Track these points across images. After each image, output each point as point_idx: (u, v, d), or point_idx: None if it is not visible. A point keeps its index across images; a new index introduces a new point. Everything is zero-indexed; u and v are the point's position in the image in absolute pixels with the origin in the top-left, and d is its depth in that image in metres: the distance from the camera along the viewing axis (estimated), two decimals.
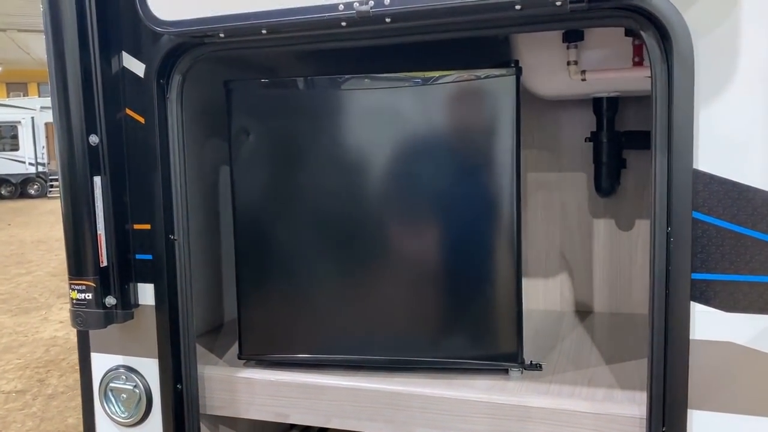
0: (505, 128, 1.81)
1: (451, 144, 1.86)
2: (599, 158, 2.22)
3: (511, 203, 1.83)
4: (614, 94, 2.16)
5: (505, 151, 1.82)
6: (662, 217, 1.44)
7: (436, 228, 1.89)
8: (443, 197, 1.89)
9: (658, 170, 1.44)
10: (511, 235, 1.84)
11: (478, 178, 1.85)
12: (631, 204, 2.50)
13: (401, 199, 1.90)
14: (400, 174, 1.89)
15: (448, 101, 1.85)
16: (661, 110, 1.42)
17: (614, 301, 2.57)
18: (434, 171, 1.88)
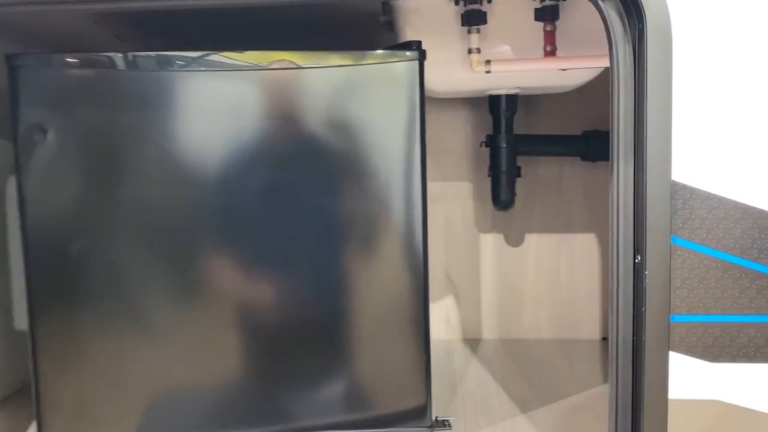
0: (406, 127, 1.41)
1: (331, 148, 1.42)
2: (498, 165, 1.90)
3: (416, 218, 1.43)
4: (514, 91, 1.86)
5: (407, 157, 1.42)
6: (627, 244, 1.12)
7: (305, 256, 1.44)
8: (322, 215, 1.44)
9: (621, 184, 1.12)
10: (416, 260, 1.44)
11: (371, 190, 1.43)
12: (521, 216, 2.23)
13: (262, 219, 1.43)
14: (261, 187, 1.41)
15: (329, 92, 1.41)
16: (624, 105, 1.11)
17: (504, 326, 2.28)
18: (309, 183, 1.43)
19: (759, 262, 1.07)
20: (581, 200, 2.21)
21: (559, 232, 2.24)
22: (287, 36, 1.68)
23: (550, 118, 2.17)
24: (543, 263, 2.25)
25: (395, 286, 1.45)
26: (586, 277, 2.24)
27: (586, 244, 2.23)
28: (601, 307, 2.24)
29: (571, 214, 2.22)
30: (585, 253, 2.23)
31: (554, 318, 2.26)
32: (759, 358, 1.08)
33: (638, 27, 1.07)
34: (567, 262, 2.24)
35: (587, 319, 2.25)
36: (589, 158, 2.04)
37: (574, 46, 1.64)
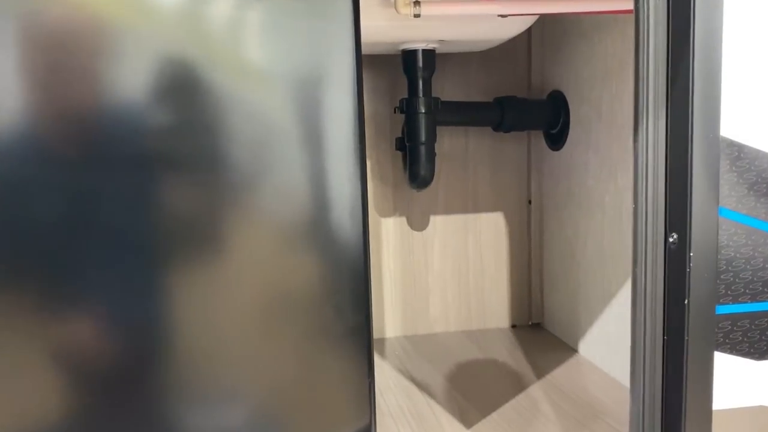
0: (340, 77, 1.06)
1: (239, 106, 1.03)
2: (416, 135, 1.60)
3: (354, 206, 1.09)
4: (433, 45, 1.57)
5: (342, 120, 1.07)
6: (657, 220, 0.88)
7: (193, 259, 1.05)
8: (224, 201, 1.05)
9: (650, 144, 0.87)
10: (355, 261, 1.10)
11: (293, 167, 1.06)
12: (424, 196, 1.96)
13: (130, 208, 1.01)
14: (130, 161, 0.99)
15: (233, 22, 1.02)
16: (654, 42, 0.86)
17: (410, 321, 2.01)
18: (205, 155, 1.03)
19: None
20: (487, 176, 2.00)
21: (465, 213, 2.01)
22: None
23: (452, 85, 1.93)
24: (449, 247, 2.01)
25: (328, 292, 1.10)
26: (495, 261, 2.04)
27: (493, 224, 2.02)
28: (509, 293, 2.06)
29: (477, 192, 2.00)
30: (493, 234, 2.03)
31: (462, 307, 2.03)
32: None
33: None
34: (474, 245, 2.02)
35: (496, 307, 2.05)
36: (502, 128, 1.83)
37: None
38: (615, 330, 1.63)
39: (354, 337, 1.12)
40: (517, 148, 2.00)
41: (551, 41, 1.90)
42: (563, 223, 1.89)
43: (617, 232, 1.60)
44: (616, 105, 1.57)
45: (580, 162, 1.76)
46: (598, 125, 1.66)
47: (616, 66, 1.57)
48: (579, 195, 1.78)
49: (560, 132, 1.85)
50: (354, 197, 1.10)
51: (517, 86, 1.97)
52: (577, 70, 1.76)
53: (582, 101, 1.74)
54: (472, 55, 1.93)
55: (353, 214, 1.10)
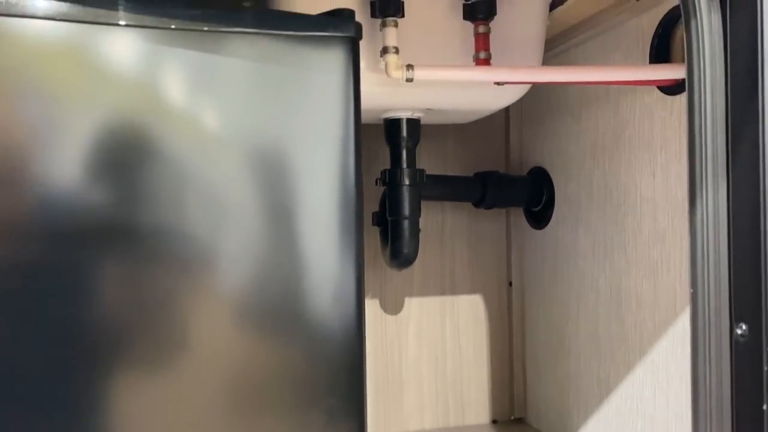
0: (337, 138, 0.92)
1: (224, 167, 0.87)
2: (398, 209, 1.45)
3: (347, 281, 0.92)
4: (418, 114, 1.46)
5: (340, 184, 0.92)
6: (721, 309, 0.75)
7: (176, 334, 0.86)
8: (207, 276, 0.87)
9: (709, 218, 0.76)
10: (350, 338, 0.93)
11: (285, 234, 0.90)
12: (399, 276, 1.81)
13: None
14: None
15: (233, 74, 0.86)
16: (711, 103, 0.75)
17: (381, 417, 1.80)
18: (194, 222, 0.86)
19: None
20: (465, 255, 1.87)
21: (442, 294, 1.86)
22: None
23: (429, 158, 1.82)
24: (425, 333, 1.84)
25: (317, 394, 0.91)
26: (474, 348, 1.87)
27: (472, 307, 1.88)
28: (489, 384, 1.89)
29: (455, 272, 1.86)
30: (471, 318, 1.88)
31: (439, 401, 1.84)
32: None
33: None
34: (452, 330, 1.86)
35: (475, 400, 1.87)
36: (483, 205, 1.71)
37: (506, 53, 1.31)
38: (615, 427, 1.47)
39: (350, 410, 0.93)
40: (495, 225, 1.89)
41: (531, 116, 1.84)
42: (549, 307, 1.76)
43: (614, 319, 1.48)
44: (611, 182, 1.49)
45: (569, 241, 1.65)
46: (589, 203, 1.57)
47: (608, 142, 1.49)
48: (568, 276, 1.66)
49: (543, 210, 1.75)
50: (346, 279, 0.93)
51: (495, 161, 1.88)
52: (562, 146, 1.69)
53: (569, 178, 1.65)
54: (449, 128, 1.84)
55: (346, 301, 0.93)
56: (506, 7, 1.28)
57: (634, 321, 1.41)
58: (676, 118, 1.27)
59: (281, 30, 0.87)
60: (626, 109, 1.43)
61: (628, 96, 1.42)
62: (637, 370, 1.40)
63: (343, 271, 0.93)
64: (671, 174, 1.27)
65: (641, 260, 1.38)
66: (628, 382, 1.43)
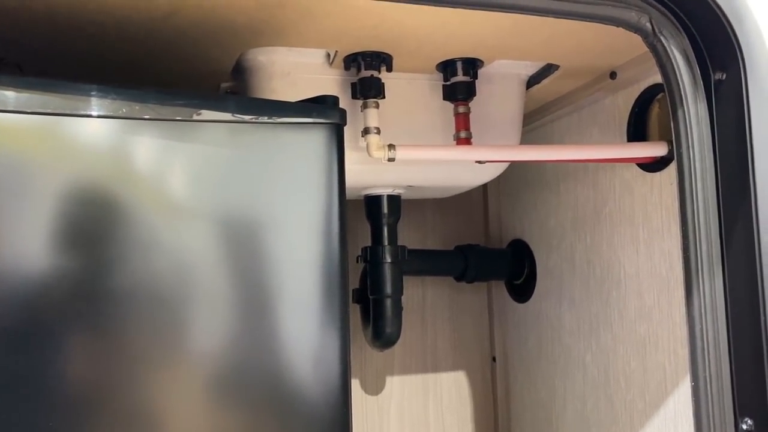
0: (321, 224, 0.89)
1: (207, 254, 0.84)
2: (380, 288, 1.42)
3: (333, 368, 0.87)
4: (399, 191, 1.44)
5: (324, 271, 0.88)
6: (725, 403, 0.72)
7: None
8: (197, 358, 0.82)
9: (707, 311, 0.74)
10: (336, 422, 0.87)
11: (269, 322, 0.85)
12: (379, 355, 1.75)
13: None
14: None
15: (213, 160, 0.84)
16: (703, 192, 0.75)
17: None
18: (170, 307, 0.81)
19: None
20: (447, 330, 1.83)
21: (424, 372, 1.80)
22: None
23: (408, 232, 1.80)
24: (407, 413, 1.77)
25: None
26: (458, 427, 1.81)
27: (455, 384, 1.82)
28: None
29: (437, 348, 1.82)
30: (455, 396, 1.82)
31: None
32: None
33: (715, 78, 0.74)
34: (435, 409, 1.80)
35: None
36: (465, 278, 1.69)
37: (486, 132, 1.32)
38: None
39: None
40: (477, 299, 1.86)
41: (509, 189, 1.84)
42: (535, 384, 1.71)
43: (603, 396, 1.44)
44: (593, 257, 1.48)
45: (552, 316, 1.63)
46: (572, 277, 1.55)
47: (588, 215, 1.49)
48: (553, 352, 1.63)
49: (525, 283, 1.73)
50: (331, 363, 0.89)
51: (474, 234, 1.87)
52: (541, 219, 1.68)
53: (550, 251, 1.64)
54: (428, 201, 1.83)
55: (330, 383, 0.88)
56: (485, 88, 1.29)
57: (624, 400, 1.37)
58: (656, 194, 1.27)
59: (264, 117, 0.85)
60: (605, 184, 1.44)
61: (606, 171, 1.42)
62: None
63: (327, 351, 0.89)
64: (655, 250, 1.27)
65: (628, 338, 1.35)
66: None
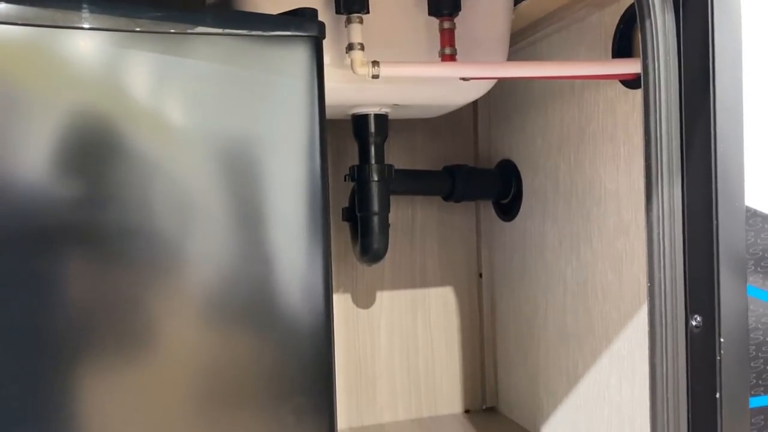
0: (302, 140, 0.92)
1: (188, 170, 0.87)
2: (367, 205, 1.46)
3: (313, 276, 0.93)
4: (386, 110, 1.46)
5: (305, 187, 0.92)
6: (677, 301, 0.77)
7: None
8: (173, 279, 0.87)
9: (665, 215, 0.78)
10: (318, 341, 0.93)
11: (249, 239, 0.90)
12: (370, 272, 1.81)
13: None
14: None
15: (194, 76, 0.86)
16: (666, 102, 0.77)
17: (355, 410, 1.82)
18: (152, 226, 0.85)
19: None
20: (436, 249, 1.88)
21: (413, 288, 1.87)
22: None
23: (398, 153, 1.83)
24: (396, 327, 1.85)
25: (285, 392, 0.92)
26: (445, 341, 1.89)
27: (443, 300, 1.89)
28: (461, 376, 1.91)
29: (425, 265, 1.88)
30: (442, 311, 1.89)
31: (412, 393, 1.86)
32: None
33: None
34: (423, 323, 1.88)
35: (447, 391, 1.90)
36: (453, 198, 1.73)
37: (472, 49, 1.32)
38: (583, 416, 1.50)
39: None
40: (465, 218, 1.91)
41: (499, 109, 1.85)
42: (519, 299, 1.78)
43: (582, 310, 1.51)
44: (576, 176, 1.51)
45: (536, 234, 1.68)
46: (556, 196, 1.59)
47: (573, 135, 1.51)
48: (536, 269, 1.69)
49: (512, 202, 1.77)
50: (314, 277, 0.94)
51: (464, 155, 1.89)
52: (528, 139, 1.70)
53: (536, 171, 1.67)
54: (417, 122, 1.85)
55: (314, 298, 0.93)
56: (471, 3, 1.29)
57: (600, 312, 1.44)
58: (638, 112, 1.29)
59: (243, 30, 0.86)
60: (590, 103, 1.45)
61: (591, 90, 1.44)
62: (604, 359, 1.42)
63: (311, 268, 0.94)
64: (634, 167, 1.30)
65: (606, 253, 1.41)
66: (594, 372, 1.46)
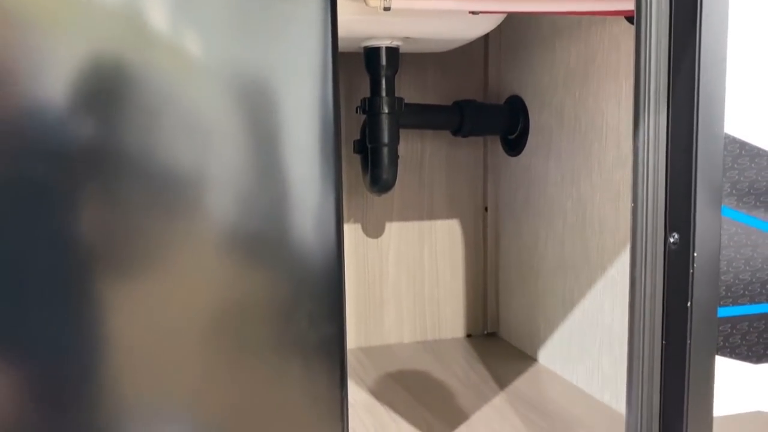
0: (316, 77, 0.98)
1: (207, 109, 0.94)
2: (378, 136, 1.53)
3: (325, 200, 1.01)
4: (397, 43, 1.51)
5: (319, 122, 0.99)
6: (657, 220, 0.85)
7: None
8: (188, 207, 0.95)
9: (650, 141, 0.84)
10: (328, 267, 1.02)
11: (266, 171, 0.97)
12: (380, 202, 1.90)
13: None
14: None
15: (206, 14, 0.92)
16: (656, 36, 0.83)
17: (363, 333, 1.93)
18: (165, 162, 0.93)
19: None
20: (443, 182, 1.96)
21: (420, 220, 1.96)
22: None
23: (409, 87, 1.87)
24: (404, 256, 1.95)
25: (299, 301, 1.01)
26: (450, 270, 1.99)
27: (449, 232, 1.98)
28: (465, 302, 2.02)
29: (433, 198, 1.96)
30: (448, 242, 1.98)
31: (417, 318, 1.97)
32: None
33: None
34: (430, 253, 1.97)
35: (451, 317, 2.00)
36: (461, 133, 1.79)
37: None
38: (577, 339, 1.61)
39: (327, 348, 1.03)
40: (473, 153, 1.97)
41: (509, 46, 1.89)
42: (521, 231, 1.86)
43: (579, 241, 1.59)
44: (579, 112, 1.56)
45: (540, 169, 1.74)
46: (560, 132, 1.65)
47: (579, 72, 1.56)
48: (538, 202, 1.76)
49: (519, 138, 1.83)
50: (326, 201, 1.01)
51: (473, 90, 1.94)
52: (536, 75, 1.75)
53: (542, 107, 1.72)
54: (429, 57, 1.89)
55: (325, 219, 1.01)
56: None
57: (597, 243, 1.52)
58: None
59: None
60: (596, 39, 1.49)
61: (597, 27, 1.47)
62: (598, 285, 1.51)
63: (323, 194, 1.01)
64: None
65: (605, 185, 1.47)
66: (589, 298, 1.55)
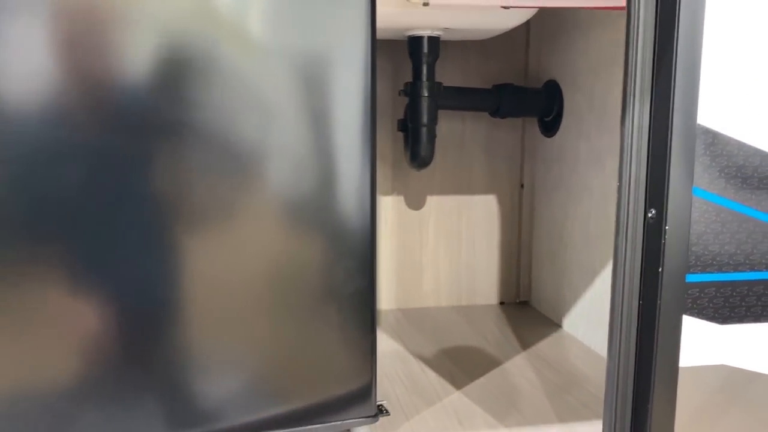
0: (356, 59, 1.15)
1: (255, 85, 1.12)
2: (418, 117, 1.69)
3: (363, 172, 1.18)
4: (437, 32, 1.66)
5: (357, 101, 1.16)
6: (639, 197, 0.98)
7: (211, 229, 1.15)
8: (236, 175, 1.15)
9: (635, 128, 0.98)
10: (361, 227, 1.20)
11: (306, 145, 1.15)
12: (421, 177, 2.06)
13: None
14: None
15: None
16: (643, 36, 0.96)
17: (403, 295, 2.12)
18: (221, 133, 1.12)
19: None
20: (482, 160, 2.10)
21: (459, 194, 2.11)
22: None
23: (452, 71, 2.02)
24: (443, 227, 2.11)
25: (338, 257, 1.20)
26: (486, 242, 2.14)
27: (486, 206, 2.13)
28: (499, 272, 2.17)
29: (472, 174, 2.10)
30: (485, 215, 2.13)
31: (453, 284, 2.14)
32: (766, 318, 1.02)
33: None
34: (467, 225, 2.13)
35: (486, 285, 2.16)
36: (499, 114, 1.92)
37: None
38: (597, 307, 1.74)
39: (360, 296, 1.22)
40: (511, 134, 2.10)
41: (548, 32, 2.00)
42: (553, 207, 1.99)
43: (603, 216, 1.71)
44: (608, 96, 1.67)
45: (572, 149, 1.87)
46: (590, 115, 1.77)
47: (609, 59, 1.67)
48: (569, 180, 1.89)
49: (554, 120, 1.95)
50: (363, 171, 1.19)
51: (514, 75, 2.07)
52: (572, 61, 1.86)
53: (576, 91, 1.84)
54: (472, 44, 2.02)
55: (362, 187, 1.19)
56: None
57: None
58: None
59: None
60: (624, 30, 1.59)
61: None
62: None
63: (362, 167, 1.19)
64: None
65: None
66: (608, 270, 1.68)
